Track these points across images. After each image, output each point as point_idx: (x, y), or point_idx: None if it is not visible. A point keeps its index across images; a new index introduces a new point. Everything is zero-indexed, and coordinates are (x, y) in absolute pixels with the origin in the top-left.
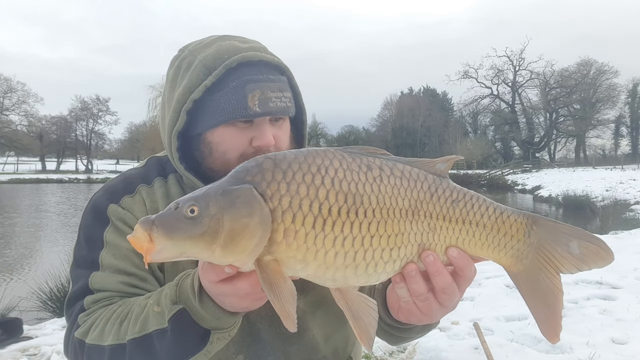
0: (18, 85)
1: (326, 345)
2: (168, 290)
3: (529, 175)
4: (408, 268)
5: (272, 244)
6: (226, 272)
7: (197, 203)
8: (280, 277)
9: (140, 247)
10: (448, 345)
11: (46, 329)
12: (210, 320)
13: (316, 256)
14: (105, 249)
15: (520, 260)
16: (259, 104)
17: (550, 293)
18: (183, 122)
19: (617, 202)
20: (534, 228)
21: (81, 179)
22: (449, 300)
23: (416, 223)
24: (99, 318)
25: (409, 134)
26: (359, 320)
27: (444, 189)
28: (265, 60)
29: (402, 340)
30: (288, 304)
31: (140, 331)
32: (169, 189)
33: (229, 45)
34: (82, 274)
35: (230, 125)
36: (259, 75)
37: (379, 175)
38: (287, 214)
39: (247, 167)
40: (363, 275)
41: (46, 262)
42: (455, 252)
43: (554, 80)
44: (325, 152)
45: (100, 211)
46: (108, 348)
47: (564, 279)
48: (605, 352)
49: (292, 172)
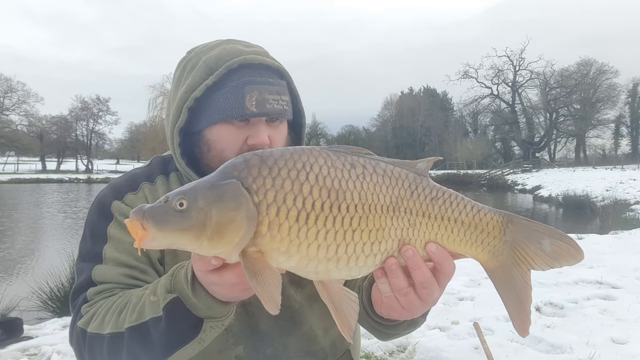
0: (18, 85)
1: (325, 337)
2: (164, 280)
3: (529, 175)
4: (389, 262)
5: (257, 236)
6: (212, 264)
7: (185, 197)
8: (264, 264)
9: (134, 233)
10: (448, 345)
11: (46, 329)
12: (203, 308)
13: (299, 248)
14: (108, 243)
15: (496, 256)
16: (256, 105)
17: (522, 288)
18: (184, 119)
19: (617, 202)
20: (509, 226)
21: (81, 179)
22: (429, 295)
23: (397, 219)
24: (100, 308)
25: (409, 133)
26: (340, 311)
27: (423, 187)
28: (266, 64)
29: (391, 336)
30: (272, 287)
31: (137, 320)
32: (171, 186)
33: (232, 48)
34: (86, 267)
35: (228, 123)
36: (258, 77)
37: (362, 173)
38: (272, 207)
39: (234, 163)
40: (344, 268)
41: (46, 261)
42: (434, 247)
43: (554, 80)
44: (311, 150)
45: (105, 207)
46: (107, 336)
47: (564, 280)
48: (606, 352)
49: (278, 168)
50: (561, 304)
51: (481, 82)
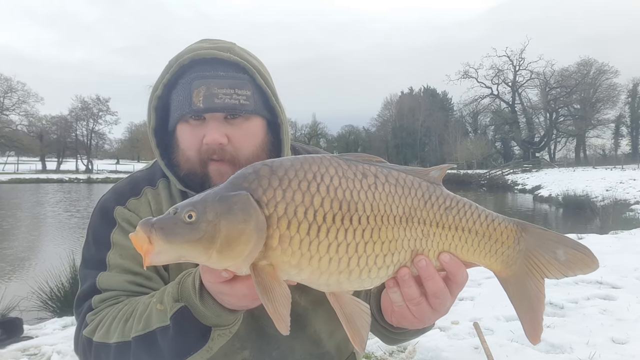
0: (18, 85)
1: (329, 341)
2: (170, 288)
3: (529, 175)
4: (401, 272)
5: (268, 249)
6: (223, 277)
7: (195, 208)
8: (274, 280)
9: (140, 247)
10: (448, 345)
11: (46, 329)
12: (211, 317)
13: (310, 262)
14: (112, 249)
15: (510, 265)
16: (203, 100)
17: (535, 297)
18: (153, 118)
19: (617, 201)
20: (523, 235)
21: (81, 179)
22: (441, 305)
23: (410, 230)
24: (105, 317)
25: (409, 133)
26: (351, 323)
27: (437, 196)
28: (220, 58)
29: (398, 341)
30: (282, 307)
31: (144, 329)
32: (172, 190)
33: (195, 46)
34: (90, 274)
35: (184, 122)
36: (207, 72)
37: (374, 183)
38: (283, 220)
39: (244, 174)
40: (356, 281)
41: (46, 261)
42: (448, 257)
43: (554, 80)
44: (322, 159)
45: (108, 213)
46: (114, 345)
47: (564, 280)
48: (606, 352)
49: (288, 179)
50: (561, 304)
51: (481, 82)
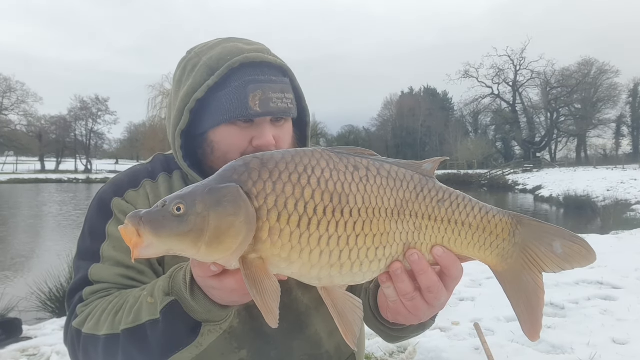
0: (17, 84)
1: (329, 341)
2: (162, 282)
3: (530, 175)
4: (394, 267)
5: (257, 242)
6: (212, 270)
7: (183, 201)
8: (264, 273)
9: (129, 240)
10: (449, 345)
11: (46, 329)
12: (201, 312)
13: (301, 255)
14: (106, 241)
15: (505, 259)
16: (260, 104)
17: (533, 292)
18: (186, 121)
19: (618, 202)
20: (519, 228)
21: (80, 179)
22: (435, 300)
23: (402, 222)
24: (95, 309)
25: (410, 133)
26: (343, 318)
27: (429, 188)
28: (268, 62)
29: (398, 338)
30: (271, 300)
31: (134, 322)
32: (173, 185)
33: (233, 47)
34: (83, 266)
35: (231, 124)
36: (261, 76)
37: (365, 175)
38: (272, 213)
39: (234, 166)
40: (348, 274)
41: (46, 262)
42: (441, 250)
43: (555, 79)
44: (313, 152)
45: (105, 204)
46: (103, 338)
47: (565, 280)
48: (606, 352)
49: (279, 172)
50: (562, 305)
51: (482, 82)
